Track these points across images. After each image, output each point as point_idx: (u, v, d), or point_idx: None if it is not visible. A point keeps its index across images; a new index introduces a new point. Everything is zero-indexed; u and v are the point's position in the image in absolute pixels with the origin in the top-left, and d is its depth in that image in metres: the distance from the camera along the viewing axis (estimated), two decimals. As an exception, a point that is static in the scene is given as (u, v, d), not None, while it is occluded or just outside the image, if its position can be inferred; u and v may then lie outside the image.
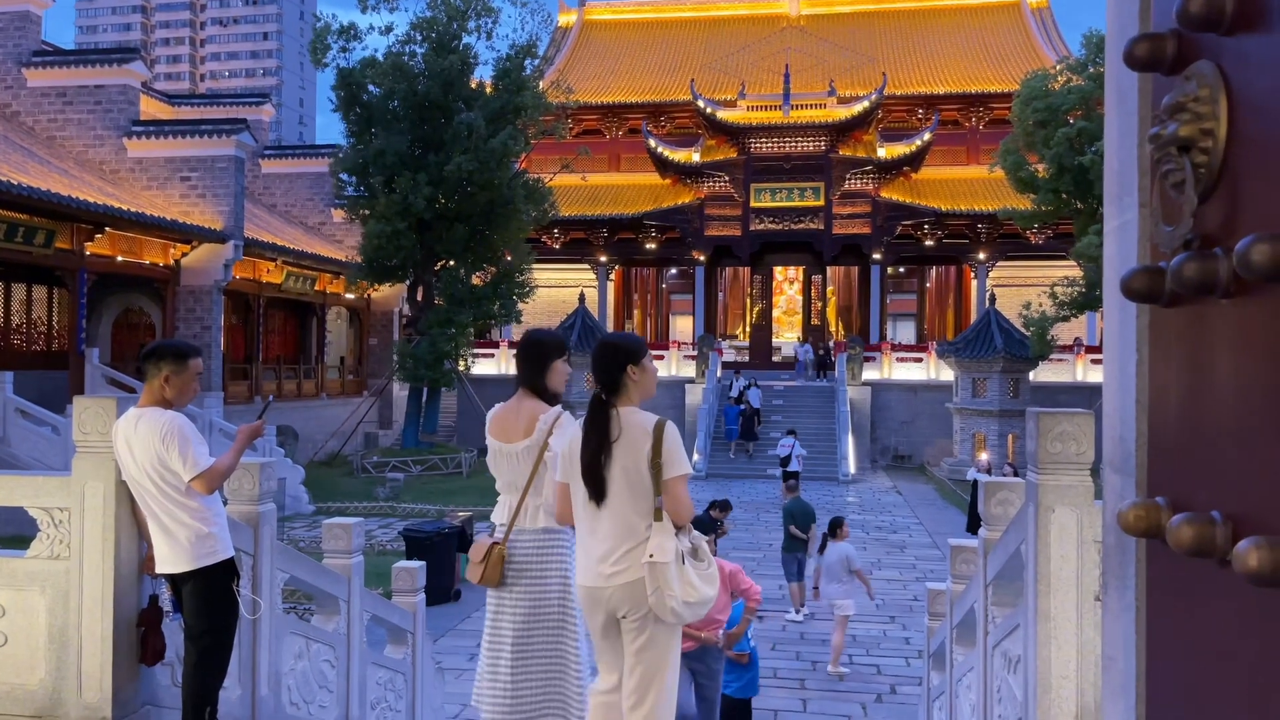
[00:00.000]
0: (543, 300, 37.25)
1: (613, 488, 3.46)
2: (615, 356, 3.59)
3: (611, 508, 3.48)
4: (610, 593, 3.47)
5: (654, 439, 3.45)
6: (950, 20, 46.59)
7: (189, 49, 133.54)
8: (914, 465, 30.33)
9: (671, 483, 3.45)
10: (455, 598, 13.42)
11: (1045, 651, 3.60)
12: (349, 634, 5.92)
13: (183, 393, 4.19)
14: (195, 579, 4.11)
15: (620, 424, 3.49)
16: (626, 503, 3.46)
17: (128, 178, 24.66)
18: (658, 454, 3.44)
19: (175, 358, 4.16)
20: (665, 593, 3.36)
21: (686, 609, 3.41)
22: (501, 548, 3.90)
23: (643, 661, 3.49)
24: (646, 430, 3.47)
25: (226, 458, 4.21)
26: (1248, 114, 1.06)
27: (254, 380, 27.78)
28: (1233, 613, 1.06)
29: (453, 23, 27.10)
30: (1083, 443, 3.58)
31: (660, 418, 3.54)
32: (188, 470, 4.02)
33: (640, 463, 3.44)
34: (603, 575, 3.46)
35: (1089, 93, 25.66)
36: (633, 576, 3.42)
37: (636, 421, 3.50)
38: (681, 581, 3.39)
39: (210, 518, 4.14)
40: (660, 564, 3.36)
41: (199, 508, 4.10)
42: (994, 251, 37.61)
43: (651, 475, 3.43)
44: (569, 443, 3.62)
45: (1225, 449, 1.10)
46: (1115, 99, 1.51)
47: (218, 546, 4.15)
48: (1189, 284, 1.07)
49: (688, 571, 3.41)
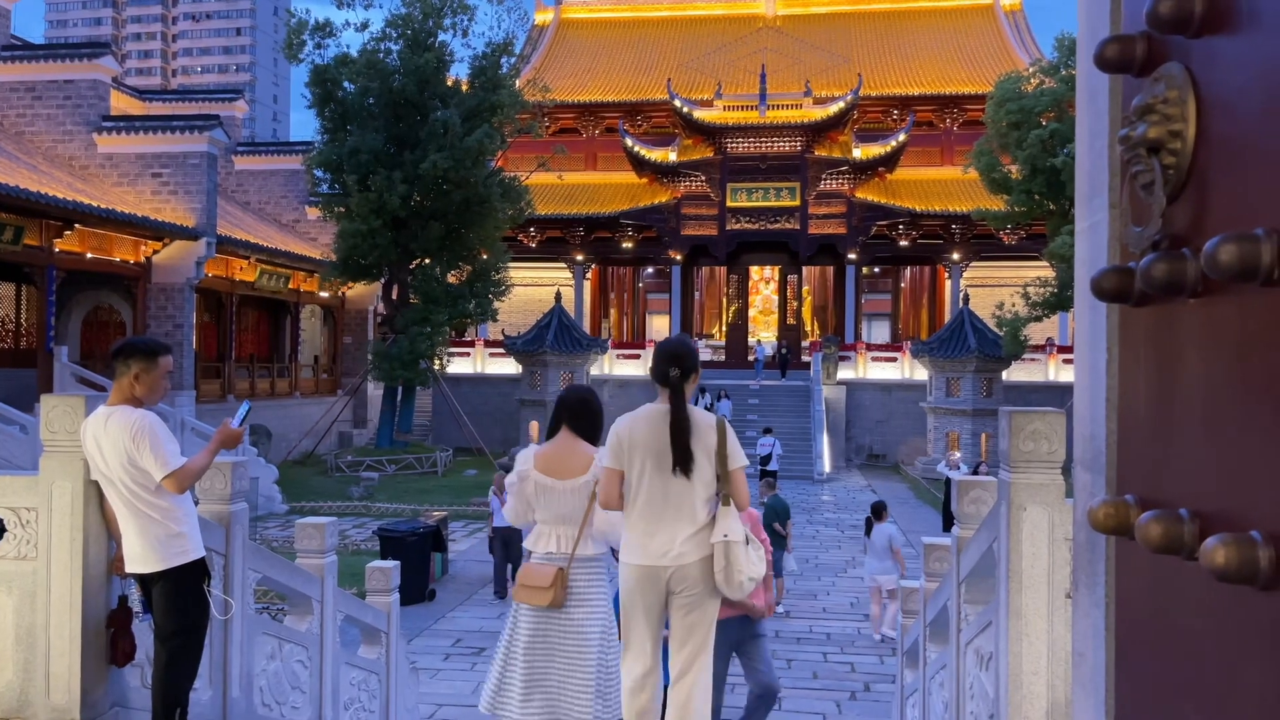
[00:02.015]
0: (519, 299, 37.16)
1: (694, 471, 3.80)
2: (691, 357, 3.94)
3: (679, 493, 3.81)
4: (672, 572, 3.83)
5: (719, 433, 3.85)
6: (925, 22, 46.90)
7: (161, 44, 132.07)
8: (888, 464, 30.51)
9: (736, 472, 3.86)
10: (430, 597, 13.36)
11: (1017, 648, 3.63)
12: (322, 634, 5.88)
13: (153, 391, 4.14)
14: (165, 579, 4.06)
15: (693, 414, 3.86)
16: (693, 489, 3.82)
17: (98, 174, 24.36)
18: (723, 446, 3.83)
19: (145, 355, 4.11)
20: (735, 568, 3.78)
21: (750, 583, 3.85)
22: (566, 573, 4.20)
23: (695, 634, 3.90)
24: (710, 425, 3.86)
25: (199, 458, 4.16)
26: (1215, 116, 1.07)
27: (226, 379, 27.52)
28: (1200, 609, 1.07)
29: (428, 20, 26.97)
30: (1054, 441, 3.61)
31: (719, 416, 3.95)
32: (159, 469, 3.97)
33: (708, 453, 3.82)
34: (668, 555, 3.81)
35: (1061, 95, 25.91)
36: (697, 556, 3.81)
37: (700, 417, 3.87)
38: (747, 559, 3.82)
39: (180, 517, 4.09)
40: (734, 543, 3.78)
41: (169, 507, 4.05)
42: (968, 252, 37.90)
43: (716, 464, 3.82)
44: (627, 430, 3.89)
45: (1193, 447, 1.11)
46: (1086, 100, 1.52)
47: (188, 546, 4.10)
48: (1157, 284, 1.08)
49: (750, 551, 3.85)
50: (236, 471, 4.86)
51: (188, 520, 4.14)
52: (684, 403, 3.84)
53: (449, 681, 10.02)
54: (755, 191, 36.81)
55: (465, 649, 11.19)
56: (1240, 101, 1.01)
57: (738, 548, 3.78)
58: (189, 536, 4.12)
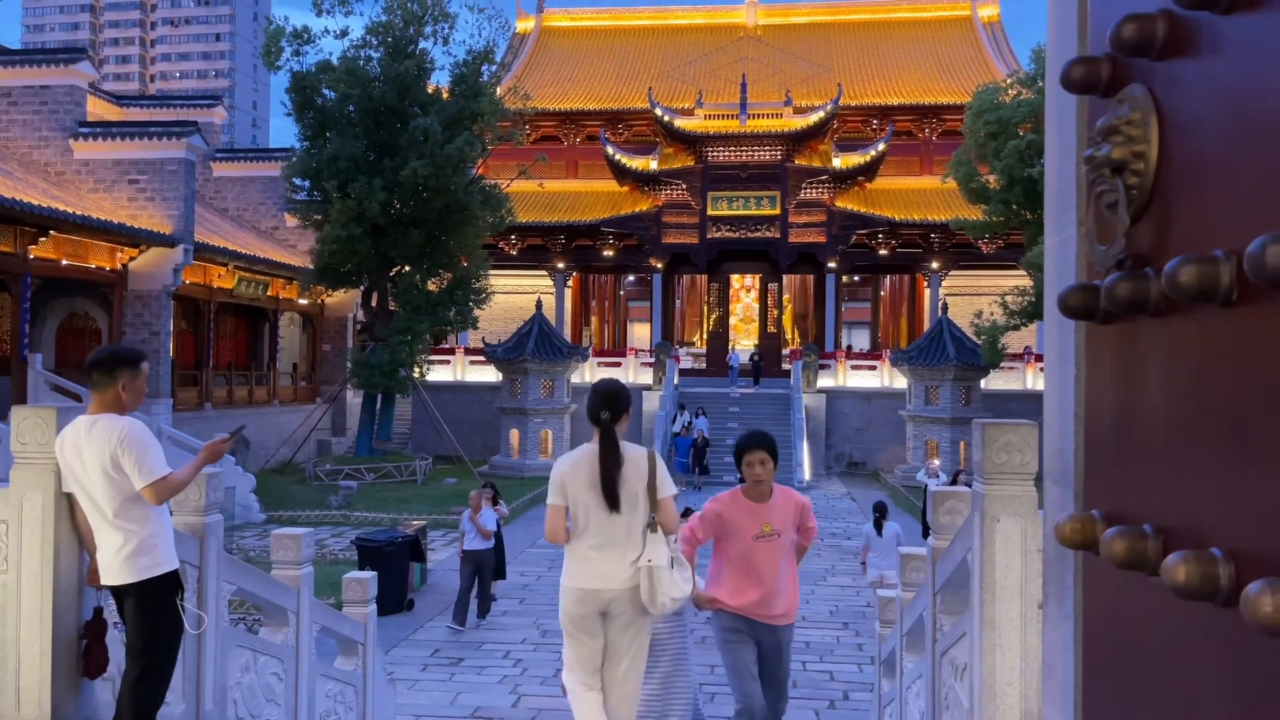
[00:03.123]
0: (500, 307, 37.08)
1: (624, 504, 4.24)
2: (622, 399, 4.39)
3: (615, 524, 4.25)
4: (610, 596, 4.26)
5: (649, 466, 4.28)
6: (904, 33, 47.24)
7: (139, 49, 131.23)
8: (868, 472, 30.62)
9: (664, 501, 4.28)
10: (408, 607, 13.29)
11: (990, 659, 3.65)
12: (298, 646, 5.83)
13: (137, 398, 4.18)
14: (136, 592, 4.02)
15: (624, 451, 4.29)
16: (629, 518, 4.25)
17: (74, 180, 24.15)
18: (653, 478, 4.27)
19: (130, 364, 4.14)
20: (658, 590, 4.20)
21: (673, 604, 4.27)
22: None
23: (634, 646, 4.38)
24: (642, 457, 4.31)
25: (183, 471, 4.13)
26: (1177, 137, 1.08)
27: (204, 387, 27.31)
28: (1164, 624, 1.09)
29: (409, 28, 26.92)
30: (1027, 453, 3.64)
31: (650, 448, 4.39)
32: (141, 477, 3.93)
33: (640, 484, 4.25)
34: (607, 580, 4.25)
35: (1038, 106, 26.14)
36: (633, 582, 4.25)
37: (632, 451, 4.32)
38: (670, 582, 4.23)
39: (154, 529, 4.05)
40: (657, 567, 4.21)
41: (143, 518, 4.01)
42: (947, 261, 38.14)
43: (647, 495, 4.25)
44: (567, 470, 4.32)
45: (1156, 463, 1.12)
46: (1055, 119, 1.54)
47: (159, 559, 4.05)
48: (1121, 303, 1.09)
49: (674, 574, 4.27)
50: (211, 483, 4.82)
51: (161, 533, 4.10)
52: (613, 443, 4.27)
53: (426, 692, 9.96)
54: (736, 200, 36.92)
55: (443, 659, 11.13)
56: (1201, 124, 1.02)
57: (660, 571, 4.21)
58: (160, 549, 4.07)
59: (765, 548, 5.10)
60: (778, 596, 5.16)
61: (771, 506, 5.15)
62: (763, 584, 5.11)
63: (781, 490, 5.28)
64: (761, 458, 5.08)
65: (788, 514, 5.18)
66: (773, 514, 5.13)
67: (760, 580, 5.11)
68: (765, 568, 5.12)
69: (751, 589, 5.12)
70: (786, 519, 5.17)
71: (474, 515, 12.48)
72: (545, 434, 28.94)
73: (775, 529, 5.11)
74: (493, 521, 12.63)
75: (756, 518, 5.11)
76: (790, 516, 5.19)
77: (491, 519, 12.65)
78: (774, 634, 5.24)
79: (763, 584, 5.11)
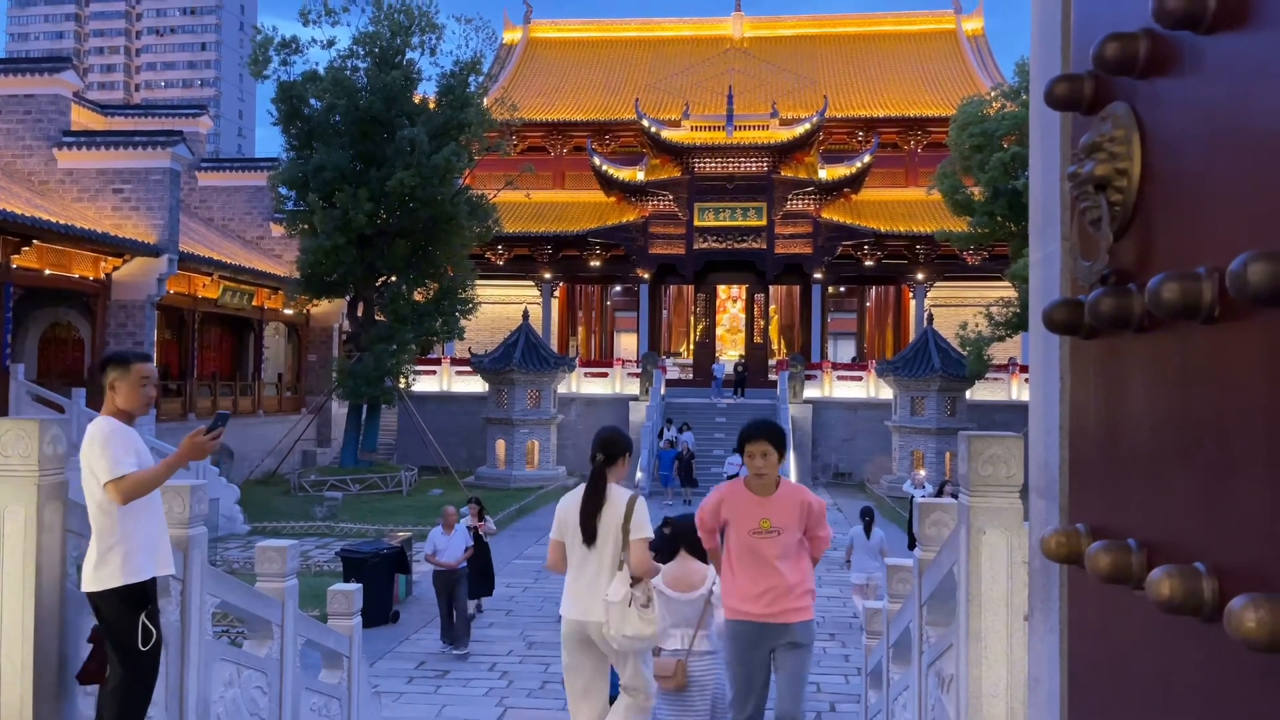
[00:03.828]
0: (486, 317, 37.03)
1: (599, 541, 4.57)
2: (618, 445, 4.77)
3: (596, 558, 4.58)
4: (592, 626, 4.58)
5: (627, 509, 4.59)
6: (890, 46, 47.55)
7: (124, 58, 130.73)
8: (854, 482, 30.67)
9: (636, 543, 4.56)
10: (393, 619, 13.22)
11: (976, 671, 3.66)
12: (282, 659, 5.79)
13: (129, 397, 4.11)
14: (97, 602, 3.96)
15: (609, 493, 4.64)
16: (604, 555, 4.57)
17: (57, 189, 24.02)
18: (628, 520, 4.57)
19: (118, 363, 4.14)
20: (612, 624, 4.47)
21: (627, 641, 4.50)
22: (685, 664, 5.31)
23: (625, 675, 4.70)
24: (624, 500, 4.64)
25: (154, 469, 3.99)
26: (1160, 155, 1.09)
27: (188, 397, 27.15)
28: (1148, 639, 1.09)
29: (396, 38, 26.93)
30: (1012, 465, 3.65)
31: (634, 492, 4.74)
32: (104, 473, 3.87)
33: (617, 524, 4.56)
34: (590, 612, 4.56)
35: (1022, 119, 26.34)
36: None
37: (616, 493, 4.67)
38: (625, 619, 4.46)
39: (118, 539, 3.95)
40: (612, 603, 4.48)
41: (109, 527, 3.94)
42: (932, 272, 38.31)
43: (622, 535, 4.55)
44: (565, 507, 4.73)
45: (1140, 478, 1.13)
46: (1039, 135, 1.55)
47: (118, 571, 3.94)
48: (1104, 318, 1.10)
49: (632, 612, 4.48)
50: (195, 494, 4.78)
51: (127, 540, 3.97)
52: (598, 484, 4.66)
53: (412, 705, 9.90)
54: (722, 211, 37.02)
55: (429, 672, 11.07)
56: (1183, 142, 1.03)
57: (614, 607, 4.49)
58: (124, 558, 3.95)
59: (764, 544, 4.73)
60: (783, 594, 4.73)
61: (774, 501, 4.77)
62: (764, 580, 4.72)
63: (791, 487, 4.92)
64: (764, 449, 4.72)
65: (792, 513, 4.77)
66: (774, 510, 4.75)
67: (762, 577, 4.73)
68: (766, 565, 4.73)
69: (753, 586, 4.74)
70: (790, 518, 4.76)
71: (449, 529, 11.91)
72: (532, 444, 28.87)
73: (775, 526, 4.73)
74: (460, 547, 11.88)
75: (756, 512, 4.76)
76: (795, 516, 4.77)
77: (461, 542, 11.93)
78: (788, 632, 4.78)
79: (764, 580, 4.72)
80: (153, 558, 4.09)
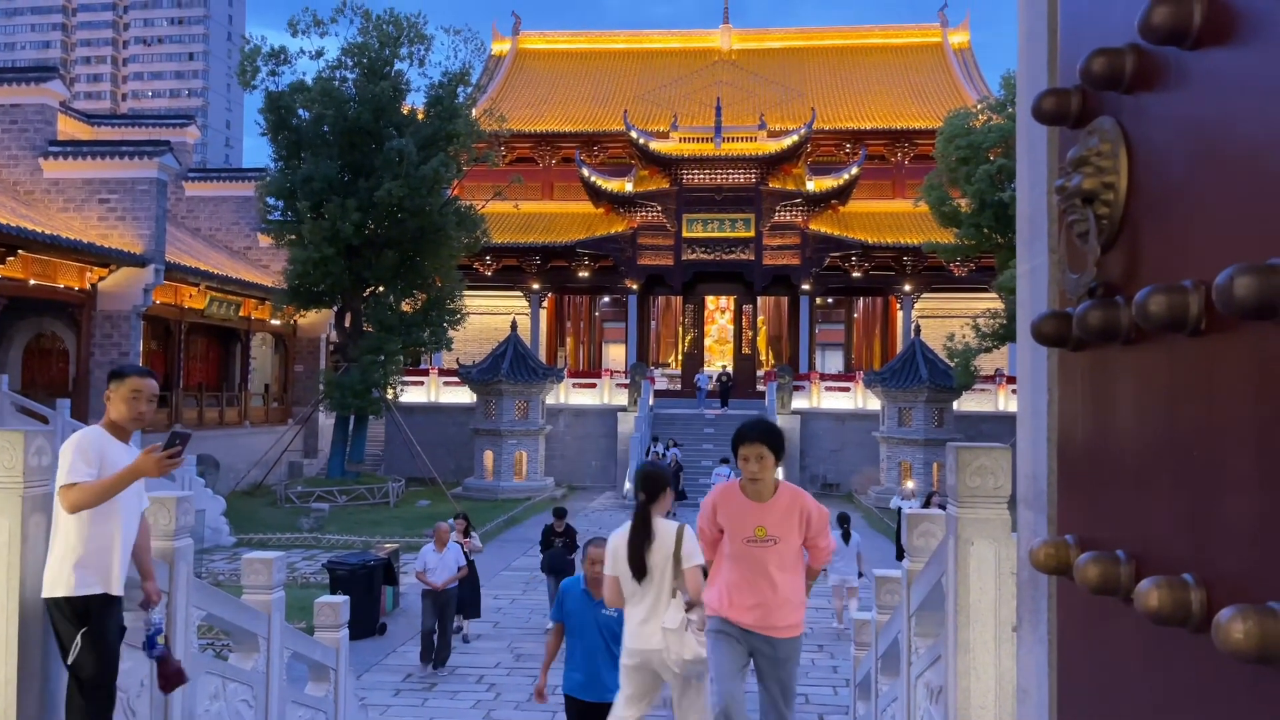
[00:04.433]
0: (475, 327, 36.97)
1: (652, 574, 4.67)
2: (659, 482, 4.82)
3: (653, 590, 4.69)
4: (650, 652, 4.68)
5: (677, 537, 4.68)
6: (877, 58, 47.84)
7: (111, 68, 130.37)
8: (842, 493, 30.69)
9: (688, 570, 4.65)
10: (381, 631, 13.14)
11: (965, 682, 3.66)
12: (268, 672, 5.75)
13: (119, 410, 4.11)
14: (49, 608, 3.94)
15: (655, 527, 4.72)
16: (659, 586, 4.67)
17: (43, 199, 23.90)
18: (679, 548, 4.66)
19: (115, 375, 4.20)
20: (672, 650, 4.59)
21: (687, 665, 4.62)
22: None
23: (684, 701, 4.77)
24: (672, 531, 4.73)
25: (101, 481, 3.87)
26: (1146, 168, 1.10)
27: (174, 408, 26.99)
28: (1137, 648, 1.09)
29: (385, 49, 26.94)
30: (1000, 477, 3.66)
31: (681, 523, 4.81)
32: (59, 479, 3.87)
33: (668, 555, 4.65)
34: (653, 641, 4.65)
35: (1008, 131, 26.51)
36: None
37: (665, 526, 4.76)
38: (684, 644, 4.58)
39: (63, 550, 3.90)
40: (670, 630, 4.60)
41: (60, 533, 3.93)
42: (919, 283, 38.47)
43: (674, 564, 4.65)
44: (613, 544, 4.85)
45: (1128, 489, 1.13)
46: (1026, 148, 1.56)
47: (65, 580, 3.89)
48: (1092, 331, 1.11)
49: (690, 637, 4.59)
50: (181, 506, 4.75)
51: (73, 552, 3.90)
52: (643, 520, 4.74)
53: (399, 718, 9.85)
54: (711, 222, 37.11)
55: (416, 684, 11.01)
56: (1169, 156, 1.04)
57: (670, 634, 4.59)
58: (71, 569, 3.89)
59: (759, 554, 4.42)
60: (775, 609, 4.42)
61: (770, 508, 4.45)
62: (757, 592, 4.43)
63: (790, 492, 4.57)
64: (759, 451, 4.40)
65: (791, 519, 4.45)
66: (770, 516, 4.43)
67: (754, 588, 4.43)
68: (760, 576, 4.42)
69: (743, 596, 4.45)
70: (789, 525, 4.44)
71: (441, 546, 11.39)
72: (520, 455, 28.81)
73: (772, 534, 4.41)
74: (453, 566, 11.34)
75: (751, 518, 4.46)
76: (794, 523, 4.45)
77: (453, 560, 11.37)
78: (771, 646, 4.49)
79: (757, 592, 4.43)
80: (101, 574, 3.95)
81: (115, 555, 4.01)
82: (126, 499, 4.06)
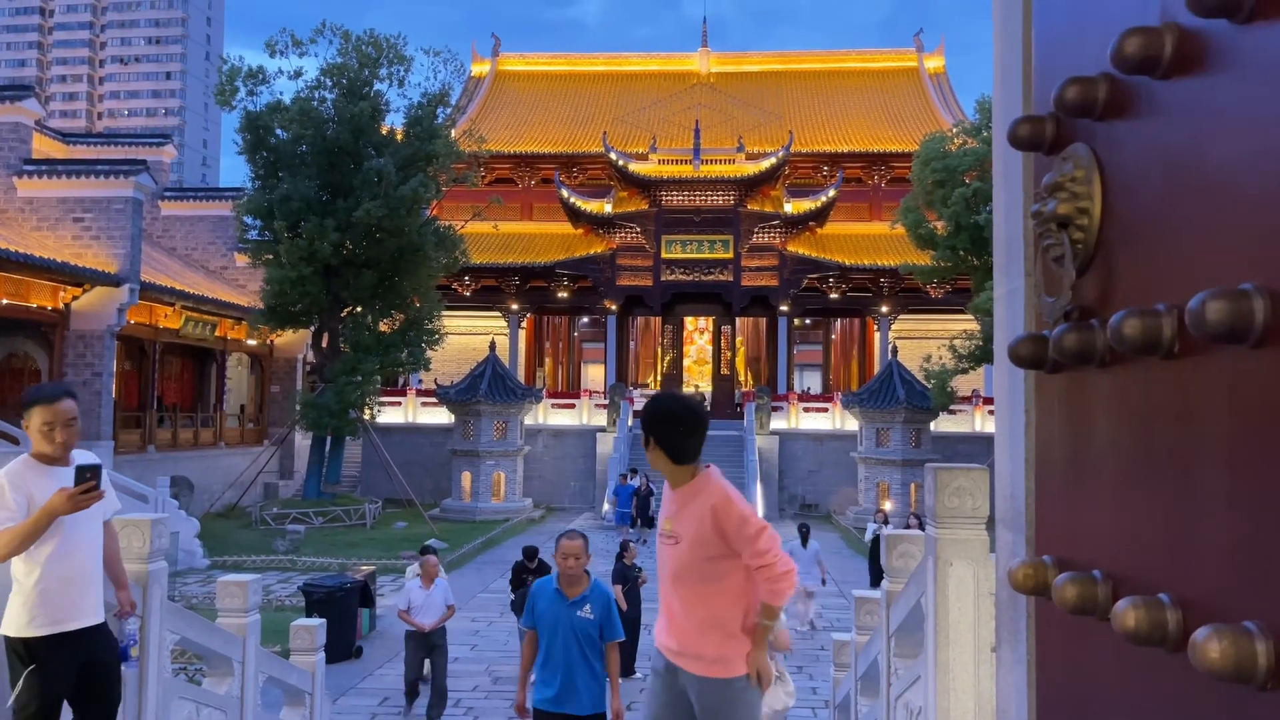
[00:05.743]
0: (453, 348, 36.86)
1: None
2: None
3: None
4: None
5: None
6: (854, 82, 48.33)
7: (87, 86, 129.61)
8: (820, 513, 30.72)
9: None
10: (357, 655, 13.00)
11: (944, 702, 3.66)
12: (243, 697, 5.68)
13: (36, 441, 3.87)
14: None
15: None
16: None
17: (16, 218, 23.67)
18: None
19: (25, 404, 3.92)
20: None
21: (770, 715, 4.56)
22: None
23: None
24: None
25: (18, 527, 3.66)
26: (1119, 195, 1.12)
27: (148, 429, 26.71)
28: (1115, 668, 1.10)
29: (364, 69, 26.95)
30: (978, 497, 3.68)
31: None
32: None
33: None
34: None
35: (983, 155, 26.82)
36: None
37: None
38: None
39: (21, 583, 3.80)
40: None
41: (13, 569, 3.79)
42: (896, 305, 38.73)
43: None
44: None
45: (1105, 510, 1.15)
46: (1002, 174, 1.59)
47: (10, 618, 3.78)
48: (1068, 354, 1.12)
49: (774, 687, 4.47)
50: (155, 529, 4.70)
51: (21, 592, 3.76)
52: None
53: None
54: (689, 243, 37.26)
55: (392, 708, 10.88)
56: (1142, 182, 1.06)
57: None
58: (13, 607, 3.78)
59: (662, 552, 3.67)
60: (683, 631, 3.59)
61: (681, 499, 3.62)
62: (666, 605, 3.71)
63: (706, 484, 3.58)
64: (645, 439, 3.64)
65: (693, 517, 3.53)
66: (679, 510, 3.60)
67: (664, 599, 3.71)
68: (665, 582, 3.67)
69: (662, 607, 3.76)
70: (690, 524, 3.53)
71: (428, 582, 10.17)
72: (498, 476, 28.67)
73: (675, 532, 3.59)
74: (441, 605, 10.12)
75: (666, 508, 3.70)
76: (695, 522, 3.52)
77: (441, 599, 10.13)
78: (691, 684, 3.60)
79: (666, 605, 3.71)
80: (51, 615, 3.80)
81: (73, 593, 3.84)
82: (78, 528, 3.83)
